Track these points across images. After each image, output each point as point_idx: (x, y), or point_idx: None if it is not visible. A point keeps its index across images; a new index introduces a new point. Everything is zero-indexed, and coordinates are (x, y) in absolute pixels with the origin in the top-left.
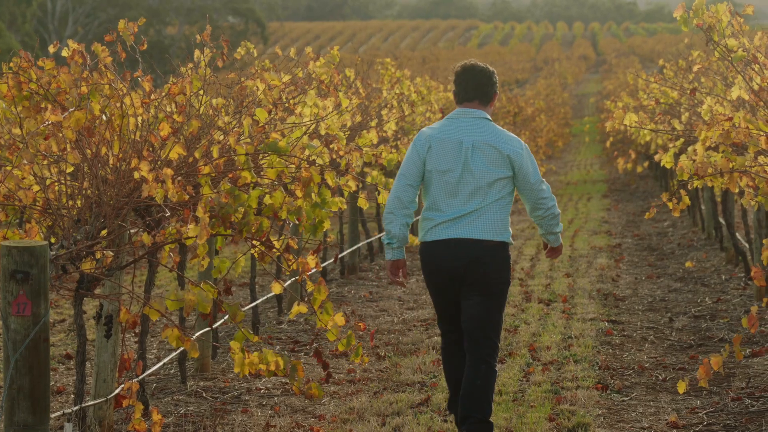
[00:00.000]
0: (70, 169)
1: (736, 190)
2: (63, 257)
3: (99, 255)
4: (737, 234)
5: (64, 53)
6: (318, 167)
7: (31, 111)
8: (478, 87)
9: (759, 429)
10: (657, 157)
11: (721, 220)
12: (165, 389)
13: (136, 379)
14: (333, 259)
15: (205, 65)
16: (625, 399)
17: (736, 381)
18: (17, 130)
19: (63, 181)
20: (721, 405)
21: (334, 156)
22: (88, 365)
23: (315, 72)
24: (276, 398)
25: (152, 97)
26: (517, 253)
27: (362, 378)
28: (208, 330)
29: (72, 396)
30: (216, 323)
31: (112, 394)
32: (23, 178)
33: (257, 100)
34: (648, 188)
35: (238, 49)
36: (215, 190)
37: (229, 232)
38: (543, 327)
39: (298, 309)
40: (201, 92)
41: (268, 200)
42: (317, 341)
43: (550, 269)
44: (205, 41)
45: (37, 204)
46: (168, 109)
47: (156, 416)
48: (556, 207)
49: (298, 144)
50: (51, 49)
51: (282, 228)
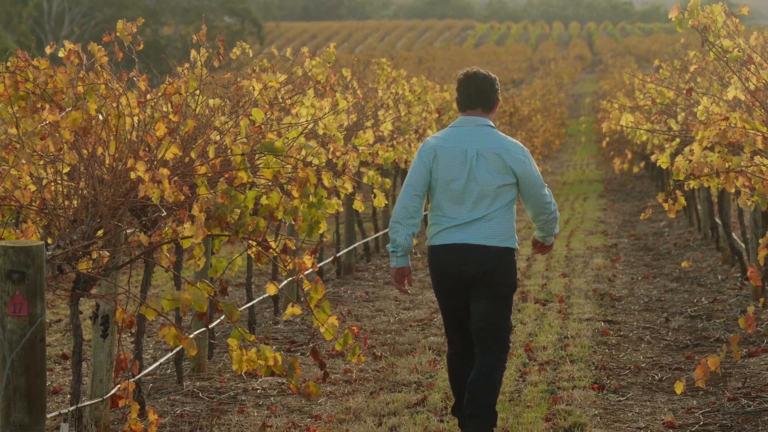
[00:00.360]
0: (66, 169)
1: (733, 190)
2: (59, 257)
3: (95, 255)
4: (733, 234)
5: (61, 53)
6: (314, 168)
7: (28, 111)
8: (481, 95)
9: (755, 429)
10: (653, 158)
11: (718, 220)
12: (161, 389)
13: (132, 379)
14: (330, 259)
15: (202, 65)
16: (622, 399)
17: (733, 381)
18: (13, 130)
19: (59, 181)
20: (718, 405)
21: (331, 156)
22: (85, 365)
23: (312, 72)
24: (272, 398)
25: (148, 97)
26: None
27: (358, 378)
28: (204, 330)
29: (68, 396)
30: (212, 323)
31: (109, 394)
32: (20, 178)
33: (253, 100)
34: (644, 188)
35: (234, 49)
36: (212, 191)
37: (226, 232)
38: (539, 327)
39: (293, 310)
40: (197, 92)
41: (264, 201)
42: (314, 341)
43: (546, 269)
44: (201, 41)
45: (34, 204)
46: (164, 109)
47: (152, 416)
48: (557, 210)
49: (295, 144)
50: (48, 50)
51: (278, 228)
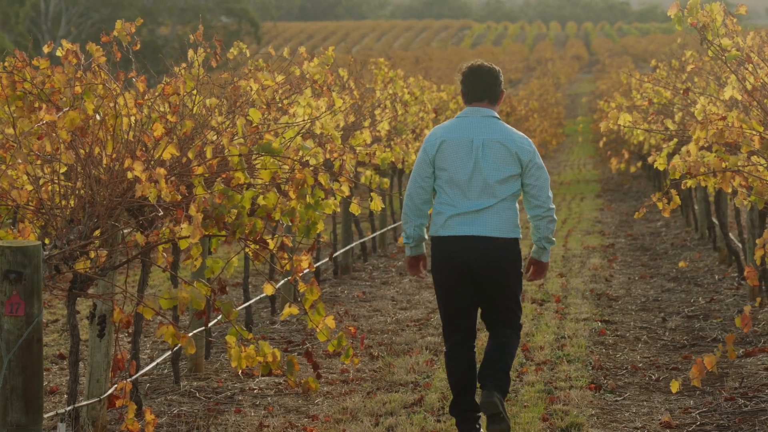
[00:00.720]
0: (63, 169)
1: (729, 190)
2: (56, 257)
3: (92, 255)
4: (730, 234)
5: (58, 53)
6: (311, 168)
7: (25, 111)
8: (487, 87)
9: (752, 429)
10: (650, 159)
11: (714, 220)
12: (158, 389)
13: (129, 379)
14: (327, 259)
15: (199, 65)
16: (619, 399)
17: (729, 381)
18: (10, 130)
19: (56, 181)
20: (715, 405)
21: (329, 156)
22: (82, 365)
23: (309, 72)
24: (269, 398)
25: (146, 97)
26: None
27: (355, 378)
28: (202, 330)
29: (65, 396)
30: (210, 322)
31: (106, 394)
32: (17, 178)
33: (251, 100)
34: (641, 188)
35: (231, 49)
36: (209, 191)
37: (223, 233)
38: (536, 327)
39: (290, 310)
40: (194, 92)
41: (261, 201)
42: (310, 341)
43: None
44: (198, 41)
45: (31, 204)
46: (161, 109)
47: (149, 416)
48: (555, 214)
49: (292, 145)
50: (45, 50)
51: (275, 229)
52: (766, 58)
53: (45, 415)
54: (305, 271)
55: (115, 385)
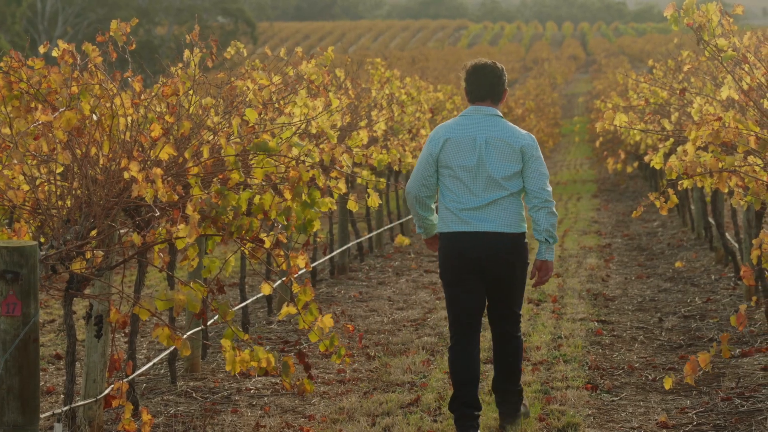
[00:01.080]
0: (59, 169)
1: (726, 190)
2: (53, 257)
3: (89, 255)
4: (727, 234)
5: (54, 53)
6: (307, 166)
7: (22, 111)
8: (490, 86)
9: (749, 429)
10: (647, 158)
11: (711, 220)
12: (155, 389)
13: (125, 380)
14: (324, 259)
15: (195, 65)
16: (615, 399)
17: (726, 381)
18: (7, 130)
19: (53, 181)
20: (711, 405)
21: (325, 157)
22: (78, 365)
23: (306, 72)
24: (266, 398)
25: (142, 97)
26: None
27: (352, 378)
28: (198, 330)
29: (62, 396)
30: (207, 322)
31: (102, 395)
32: (13, 178)
33: (247, 100)
34: (638, 188)
35: (227, 49)
36: (206, 191)
37: (220, 233)
38: (533, 327)
39: (288, 310)
40: (191, 92)
41: (258, 201)
42: (304, 342)
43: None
44: (194, 41)
45: (27, 204)
46: (158, 110)
47: (146, 416)
48: (554, 207)
49: (286, 143)
50: (41, 50)
51: (271, 228)
52: (763, 59)
53: (41, 416)
54: (302, 271)
55: (112, 385)
